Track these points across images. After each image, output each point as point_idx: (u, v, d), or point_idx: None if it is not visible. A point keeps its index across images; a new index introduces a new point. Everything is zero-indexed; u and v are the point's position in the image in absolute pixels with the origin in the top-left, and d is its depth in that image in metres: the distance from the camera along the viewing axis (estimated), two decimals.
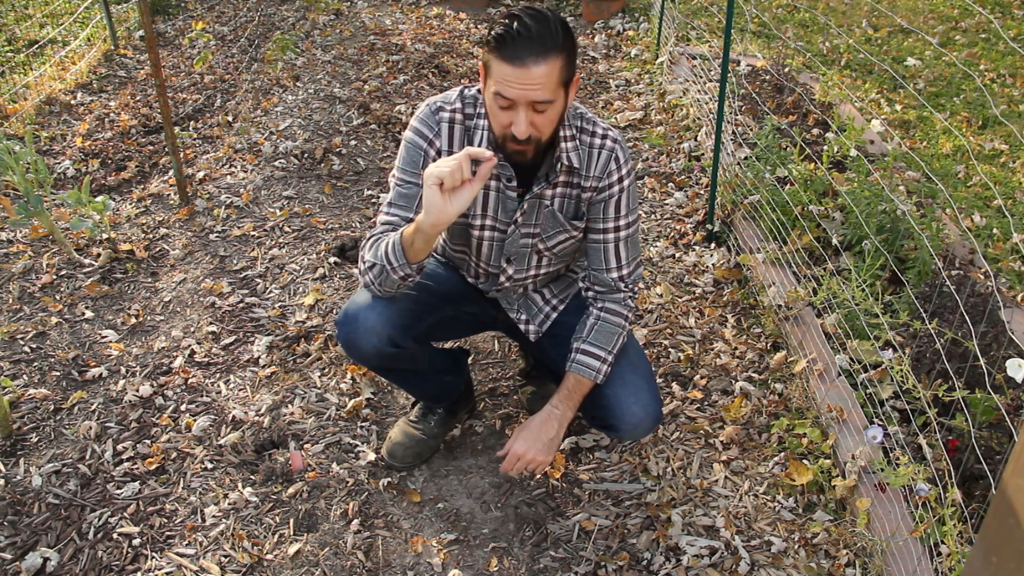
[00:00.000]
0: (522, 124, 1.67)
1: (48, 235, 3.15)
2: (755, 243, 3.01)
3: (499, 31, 1.62)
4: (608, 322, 1.94)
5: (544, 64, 1.61)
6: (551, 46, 1.61)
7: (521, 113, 1.66)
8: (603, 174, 1.85)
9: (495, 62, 1.64)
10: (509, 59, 1.61)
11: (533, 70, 1.60)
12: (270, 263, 3.05)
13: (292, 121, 4.09)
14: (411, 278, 1.78)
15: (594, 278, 1.96)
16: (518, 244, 1.95)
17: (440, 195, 1.61)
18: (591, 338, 1.92)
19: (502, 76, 1.63)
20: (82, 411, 2.37)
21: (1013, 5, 6.32)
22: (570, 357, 1.92)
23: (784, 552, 1.98)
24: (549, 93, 1.64)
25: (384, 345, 1.88)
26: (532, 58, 1.60)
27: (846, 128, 3.57)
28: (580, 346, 1.92)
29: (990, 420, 1.99)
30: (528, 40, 1.59)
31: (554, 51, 1.62)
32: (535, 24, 1.60)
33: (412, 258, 1.72)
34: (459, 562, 1.96)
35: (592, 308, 1.97)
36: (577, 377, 1.91)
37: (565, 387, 1.92)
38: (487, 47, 1.65)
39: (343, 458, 2.23)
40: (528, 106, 1.65)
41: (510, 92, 1.63)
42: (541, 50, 1.60)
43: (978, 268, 2.82)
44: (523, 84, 1.62)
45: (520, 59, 1.60)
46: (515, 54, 1.60)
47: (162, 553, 1.95)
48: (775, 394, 2.46)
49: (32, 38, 5.13)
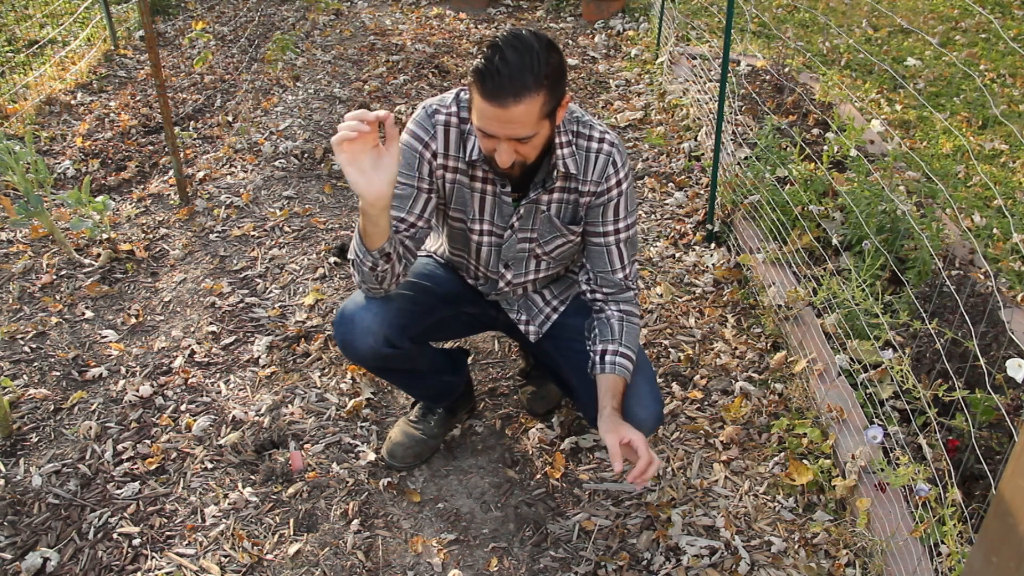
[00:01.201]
0: (503, 155, 1.66)
1: (48, 235, 3.15)
2: (755, 243, 3.01)
3: (480, 64, 1.58)
4: (631, 323, 1.94)
5: (523, 103, 1.57)
6: (531, 83, 1.56)
7: (503, 145, 1.65)
8: (601, 178, 1.85)
9: (475, 95, 1.61)
10: (487, 97, 1.58)
11: (512, 110, 1.57)
12: (270, 263, 3.05)
13: (292, 121, 4.09)
14: (379, 266, 1.76)
15: (600, 280, 1.96)
16: (515, 249, 1.95)
17: (358, 172, 1.58)
18: (625, 340, 1.91)
19: (481, 112, 1.61)
20: (82, 411, 2.37)
21: (1013, 5, 6.32)
22: (607, 359, 1.89)
23: (784, 552, 1.98)
24: (530, 129, 1.62)
25: (381, 346, 1.87)
26: (511, 98, 1.56)
27: (846, 128, 3.57)
28: (619, 348, 1.89)
29: (990, 420, 1.99)
30: (507, 78, 1.55)
31: (534, 88, 1.57)
32: (516, 58, 1.55)
33: (369, 245, 1.72)
34: (459, 562, 1.96)
35: (608, 309, 1.95)
36: (622, 379, 1.88)
37: (616, 389, 1.87)
38: (470, 78, 1.62)
39: (343, 458, 2.23)
40: (509, 140, 1.64)
41: (490, 128, 1.62)
42: (520, 89, 1.56)
43: (978, 268, 2.82)
44: (502, 123, 1.60)
45: (498, 98, 1.56)
46: (493, 92, 1.56)
47: (162, 553, 1.95)
48: (775, 394, 2.46)
49: (32, 38, 5.13)
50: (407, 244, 1.85)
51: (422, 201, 1.85)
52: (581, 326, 2.02)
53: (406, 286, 1.95)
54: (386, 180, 1.61)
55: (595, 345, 1.92)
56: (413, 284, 1.97)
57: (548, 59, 1.59)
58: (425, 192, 1.85)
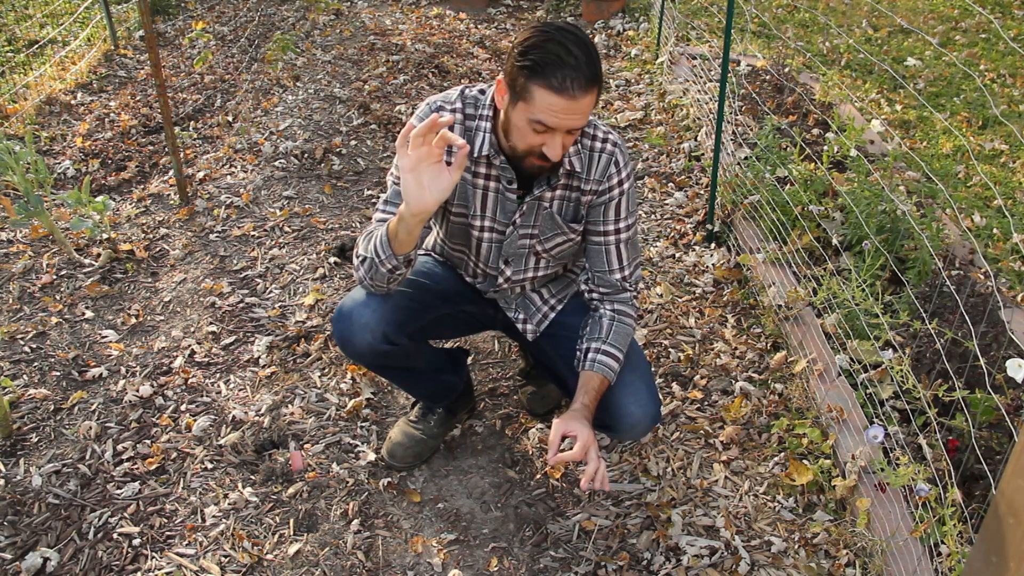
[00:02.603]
0: (558, 149, 1.67)
1: (48, 235, 3.15)
2: (755, 243, 3.01)
3: (542, 58, 1.59)
4: (623, 323, 1.94)
5: (590, 95, 1.61)
6: (596, 75, 1.60)
7: (558, 139, 1.66)
8: (603, 177, 1.86)
9: (538, 90, 1.60)
10: (557, 90, 1.58)
11: (581, 101, 1.60)
12: (270, 263, 3.05)
13: (292, 121, 4.09)
14: (399, 271, 1.76)
15: (598, 279, 1.96)
16: (516, 245, 1.95)
17: (416, 182, 1.59)
18: (611, 339, 1.91)
19: (547, 105, 1.61)
20: (82, 411, 2.37)
21: (1013, 5, 6.32)
22: (588, 356, 1.89)
23: (784, 552, 1.98)
24: (587, 118, 1.66)
25: (378, 342, 1.87)
26: (581, 90, 1.59)
27: (846, 128, 3.57)
28: (601, 347, 1.90)
29: (990, 420, 1.99)
30: (577, 71, 1.57)
31: (597, 80, 1.61)
32: (582, 53, 1.58)
33: (398, 250, 1.71)
34: (459, 562, 1.96)
35: (602, 308, 1.96)
36: (600, 377, 1.88)
37: (590, 386, 1.87)
38: (525, 72, 1.61)
39: (343, 458, 2.23)
40: (565, 132, 1.65)
41: (553, 121, 1.62)
42: (590, 81, 1.59)
43: (978, 268, 2.82)
44: (569, 115, 1.61)
45: (569, 91, 1.58)
46: (564, 85, 1.58)
47: (162, 553, 1.95)
48: (775, 394, 2.46)
49: (32, 38, 5.13)
50: None
51: None
52: (574, 325, 2.02)
53: (404, 283, 1.95)
54: (437, 197, 1.61)
55: (583, 343, 1.93)
56: (412, 282, 1.97)
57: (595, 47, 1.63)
58: None
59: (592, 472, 1.73)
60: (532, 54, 1.59)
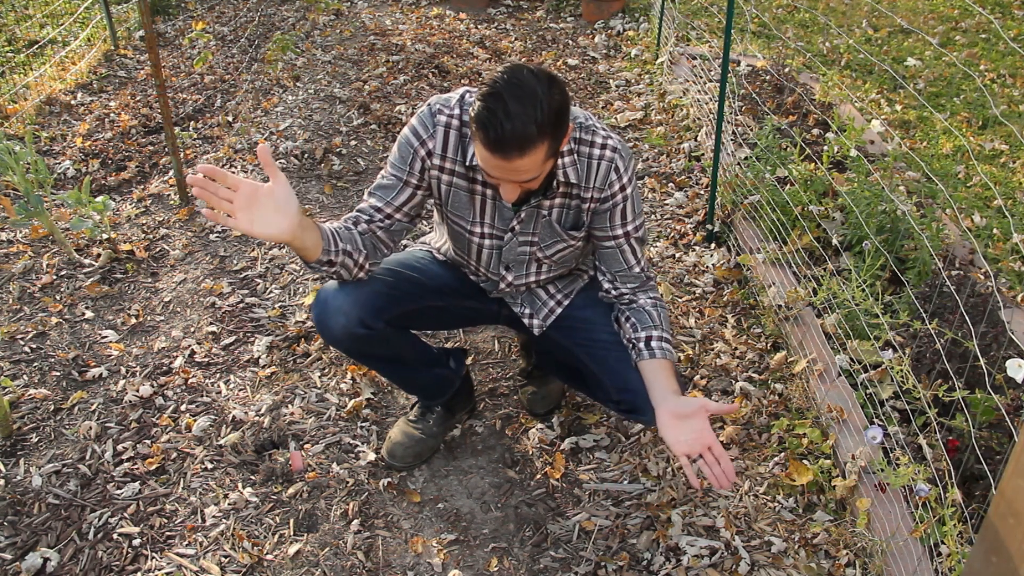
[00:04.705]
0: (508, 193, 1.68)
1: (48, 235, 3.15)
2: (755, 243, 3.01)
3: (481, 113, 1.52)
4: (664, 308, 1.98)
5: (527, 155, 1.55)
6: (534, 134, 1.52)
7: (507, 185, 1.66)
8: (604, 185, 1.85)
9: (476, 140, 1.58)
10: (490, 148, 1.55)
11: (516, 162, 1.56)
12: (270, 263, 3.05)
13: (292, 121, 4.09)
14: (333, 268, 1.78)
15: (621, 278, 1.97)
16: (516, 252, 1.95)
17: (256, 224, 1.60)
18: (665, 326, 1.94)
19: (484, 159, 1.60)
20: (82, 411, 2.37)
21: (1013, 5, 6.32)
22: (653, 344, 1.89)
23: (784, 552, 1.98)
24: (534, 172, 1.62)
25: (353, 326, 1.86)
26: (515, 151, 1.54)
27: (846, 128, 3.57)
28: (662, 334, 1.91)
29: (990, 420, 1.99)
30: (511, 132, 1.51)
31: (538, 138, 1.54)
32: (518, 108, 1.50)
33: (307, 259, 1.75)
34: (459, 562, 1.96)
35: (640, 299, 1.96)
36: (669, 362, 1.89)
37: (668, 372, 1.86)
38: (470, 118, 1.58)
39: (343, 458, 2.23)
40: (517, 182, 1.65)
41: (493, 175, 1.63)
42: (524, 142, 1.53)
43: (978, 268, 2.82)
44: (505, 172, 1.60)
45: (501, 151, 1.54)
46: (496, 145, 1.53)
47: (162, 553, 1.95)
48: (775, 394, 2.46)
49: (32, 38, 5.13)
50: (379, 235, 1.86)
51: (405, 195, 1.86)
52: (590, 317, 2.03)
53: (386, 272, 1.95)
54: (284, 218, 1.62)
55: (637, 333, 1.91)
56: (394, 271, 1.98)
57: (550, 103, 1.54)
58: (411, 187, 1.86)
59: (721, 470, 1.73)
60: (478, 103, 1.55)
